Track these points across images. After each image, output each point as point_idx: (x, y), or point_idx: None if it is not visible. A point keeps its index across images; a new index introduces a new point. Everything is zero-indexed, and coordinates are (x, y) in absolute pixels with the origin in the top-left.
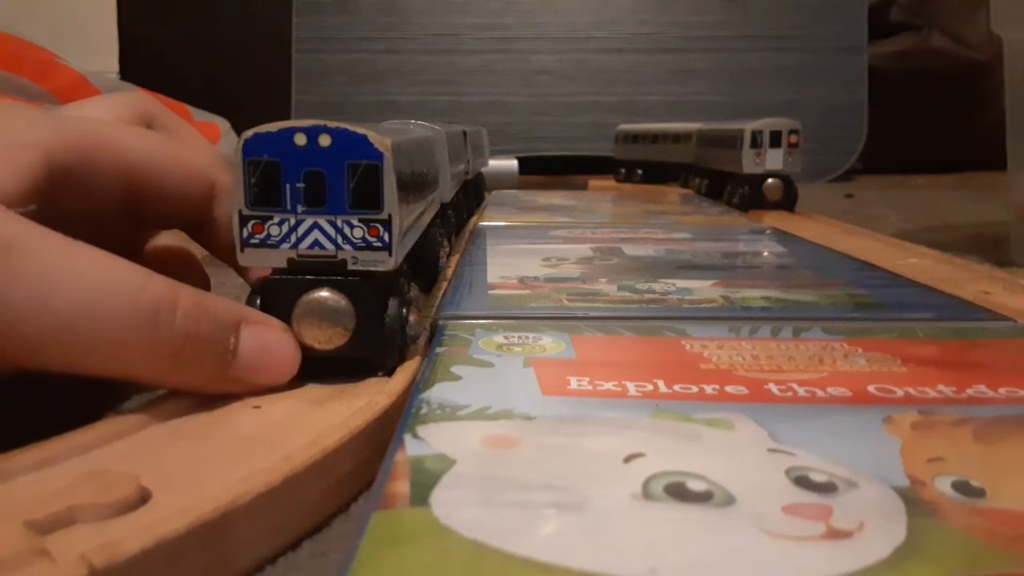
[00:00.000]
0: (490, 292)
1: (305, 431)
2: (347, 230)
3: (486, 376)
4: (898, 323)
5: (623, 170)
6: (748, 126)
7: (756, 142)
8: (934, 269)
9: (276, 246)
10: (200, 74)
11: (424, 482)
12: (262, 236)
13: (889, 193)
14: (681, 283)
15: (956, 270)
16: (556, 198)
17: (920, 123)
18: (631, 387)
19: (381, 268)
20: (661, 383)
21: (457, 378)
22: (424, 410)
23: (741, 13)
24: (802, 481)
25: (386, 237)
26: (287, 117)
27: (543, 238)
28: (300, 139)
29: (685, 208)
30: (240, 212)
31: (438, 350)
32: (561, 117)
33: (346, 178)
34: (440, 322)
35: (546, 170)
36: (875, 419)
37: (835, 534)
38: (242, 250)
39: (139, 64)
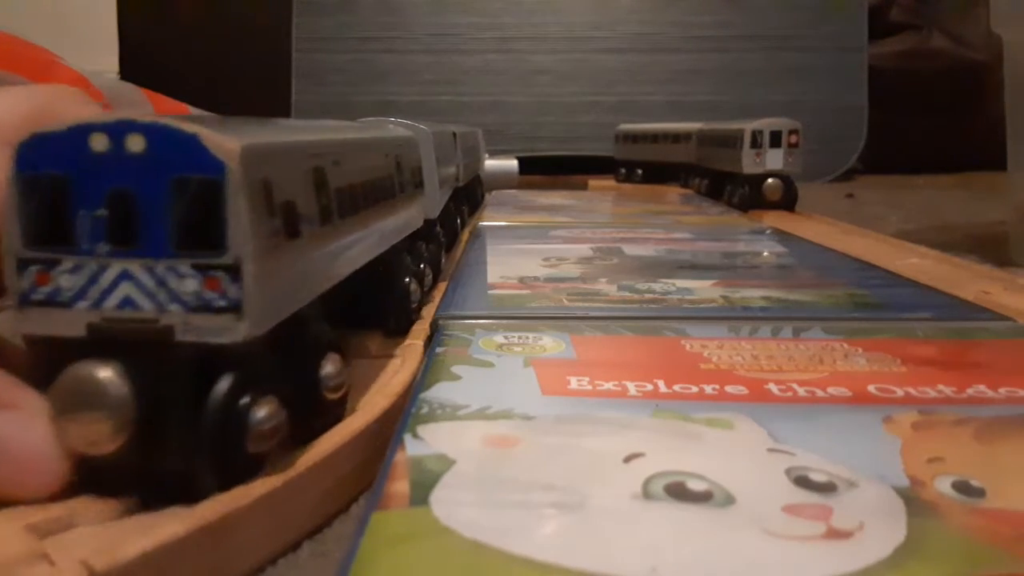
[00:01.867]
0: (490, 292)
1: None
2: (173, 281)
3: (486, 376)
4: (898, 323)
5: (623, 170)
6: (748, 126)
7: (756, 142)
8: (934, 269)
9: (69, 305)
10: (200, 74)
11: (424, 482)
12: (48, 290)
13: (889, 193)
14: (681, 283)
15: (956, 270)
16: (556, 198)
17: (920, 123)
18: (631, 387)
19: (227, 339)
20: (661, 383)
21: (457, 378)
22: (424, 410)
23: (741, 13)
24: (802, 481)
25: (234, 292)
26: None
27: (543, 238)
28: (98, 142)
29: (685, 208)
30: (16, 255)
31: (438, 350)
32: (561, 117)
33: (169, 202)
34: (440, 322)
35: (546, 170)
36: (875, 419)
37: (835, 534)
38: (21, 309)
39: (139, 64)
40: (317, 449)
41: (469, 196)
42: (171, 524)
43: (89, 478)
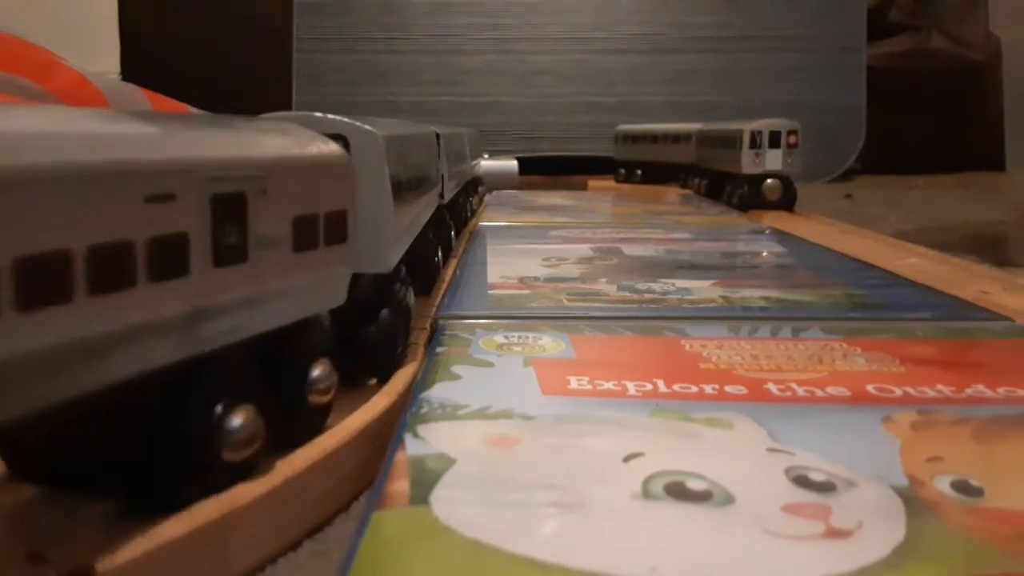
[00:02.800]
0: (490, 292)
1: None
2: None
3: (486, 376)
4: (897, 323)
5: (623, 170)
6: (747, 126)
7: (755, 142)
8: (934, 269)
9: None
10: (200, 74)
11: (424, 481)
12: None
13: (889, 193)
14: (681, 283)
15: (955, 270)
16: (556, 198)
17: (920, 123)
18: (631, 387)
19: None
20: (661, 383)
21: (457, 378)
22: (424, 409)
23: (741, 13)
24: (801, 480)
25: None
26: None
27: (543, 238)
28: None
29: (685, 208)
30: None
31: (438, 350)
32: (561, 117)
33: None
34: (440, 322)
35: (546, 170)
36: (874, 419)
37: (834, 533)
38: None
39: (139, 64)
40: (317, 448)
41: (457, 214)
42: (171, 524)
43: None
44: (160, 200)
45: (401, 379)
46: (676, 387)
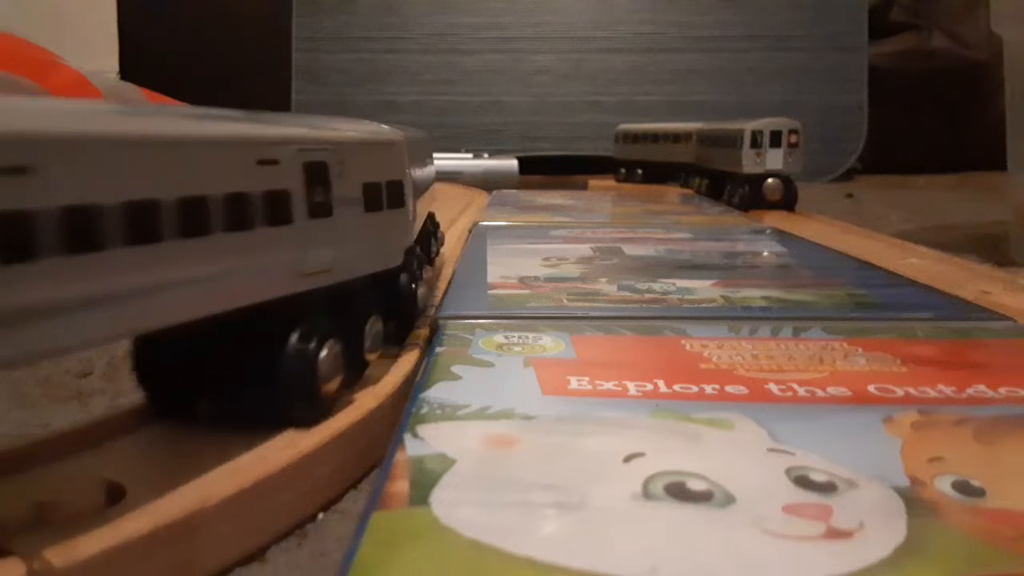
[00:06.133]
0: (490, 292)
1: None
2: None
3: (486, 376)
4: (898, 323)
5: (623, 170)
6: (748, 126)
7: (756, 142)
8: (934, 269)
9: None
10: (200, 74)
11: (424, 482)
12: None
13: (889, 193)
14: (681, 283)
15: (956, 270)
16: (556, 198)
17: (920, 123)
18: (631, 387)
19: None
20: (661, 383)
21: (457, 378)
22: (424, 410)
23: (741, 13)
24: (802, 481)
25: None
26: None
27: (543, 238)
28: None
29: (685, 208)
30: None
31: (438, 350)
32: (561, 117)
33: None
34: (440, 322)
35: (546, 170)
36: (875, 419)
37: (835, 534)
38: None
39: (139, 64)
40: (293, 449)
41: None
42: (135, 522)
43: None
44: (268, 164)
45: (389, 381)
46: (676, 387)
